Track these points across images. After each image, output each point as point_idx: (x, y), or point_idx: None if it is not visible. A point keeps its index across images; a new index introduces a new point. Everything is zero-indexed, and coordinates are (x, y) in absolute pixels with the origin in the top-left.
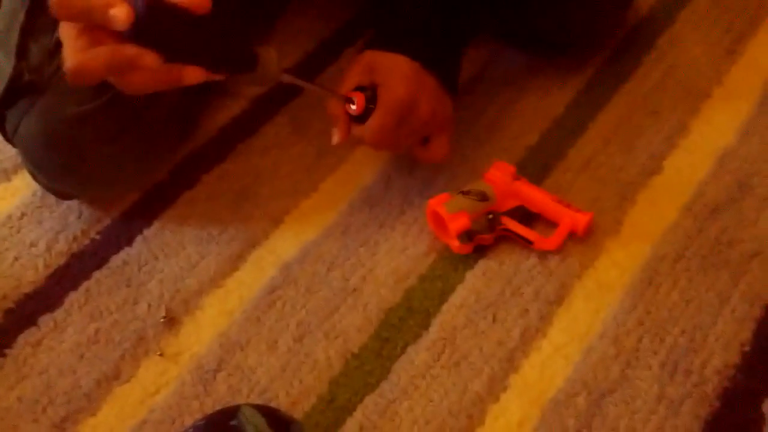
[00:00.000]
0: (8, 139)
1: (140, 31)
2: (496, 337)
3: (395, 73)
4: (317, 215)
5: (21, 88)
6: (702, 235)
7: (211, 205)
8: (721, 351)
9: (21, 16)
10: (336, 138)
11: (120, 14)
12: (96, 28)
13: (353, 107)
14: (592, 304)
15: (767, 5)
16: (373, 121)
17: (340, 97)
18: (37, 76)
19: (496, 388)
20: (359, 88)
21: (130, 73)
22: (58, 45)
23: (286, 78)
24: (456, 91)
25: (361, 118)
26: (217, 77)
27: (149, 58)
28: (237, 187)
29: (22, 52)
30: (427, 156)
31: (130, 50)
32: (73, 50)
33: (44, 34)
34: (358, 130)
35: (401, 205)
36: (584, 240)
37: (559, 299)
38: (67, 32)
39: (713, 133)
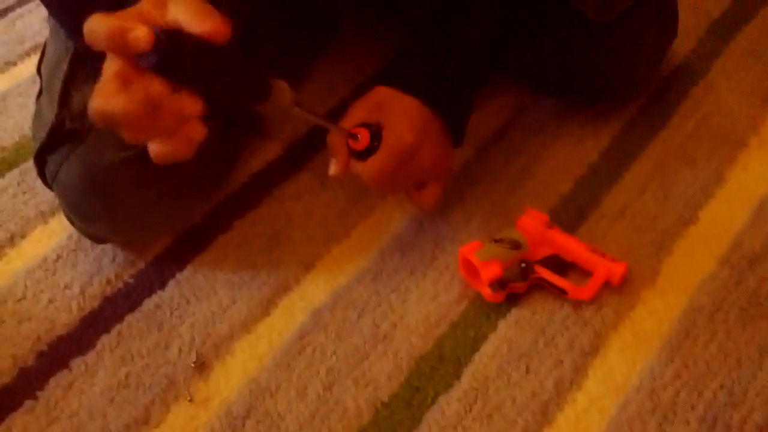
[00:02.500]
0: (47, 184)
1: (162, 58)
2: (530, 388)
3: (405, 116)
4: (348, 261)
5: (62, 135)
6: (740, 286)
7: (244, 249)
8: (761, 406)
9: (64, 65)
10: (333, 169)
11: (141, 35)
12: (128, 73)
13: (356, 142)
14: (628, 356)
15: None
16: (375, 162)
17: (344, 132)
18: (78, 124)
19: None
20: (364, 125)
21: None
22: None
23: (296, 111)
24: (461, 142)
25: (362, 154)
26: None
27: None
28: (270, 232)
29: (64, 101)
30: (418, 201)
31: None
32: (101, 91)
33: (87, 83)
34: (357, 166)
35: (433, 252)
36: (619, 290)
37: (594, 350)
38: (104, 75)
39: (750, 182)
